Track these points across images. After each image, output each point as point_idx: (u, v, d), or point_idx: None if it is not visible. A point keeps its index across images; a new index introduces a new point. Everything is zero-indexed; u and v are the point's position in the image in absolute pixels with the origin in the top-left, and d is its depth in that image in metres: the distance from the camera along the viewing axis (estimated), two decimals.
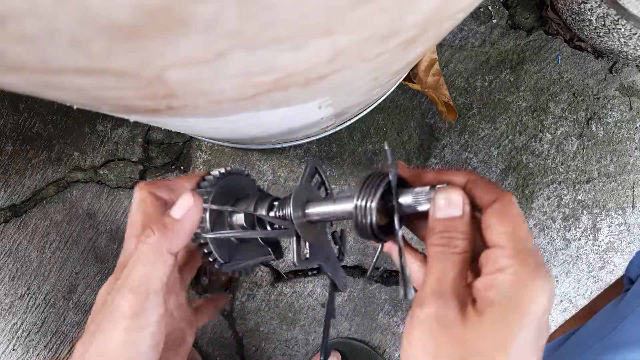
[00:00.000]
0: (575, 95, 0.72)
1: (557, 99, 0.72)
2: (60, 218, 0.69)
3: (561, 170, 0.71)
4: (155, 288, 0.24)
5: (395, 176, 0.25)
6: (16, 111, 0.70)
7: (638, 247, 0.71)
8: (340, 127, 0.64)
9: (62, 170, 0.69)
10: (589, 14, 0.65)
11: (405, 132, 0.71)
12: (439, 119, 0.70)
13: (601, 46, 0.70)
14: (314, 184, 0.31)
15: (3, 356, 0.68)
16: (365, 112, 0.63)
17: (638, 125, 0.72)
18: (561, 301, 0.71)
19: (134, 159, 0.70)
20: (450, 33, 0.73)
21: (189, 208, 0.26)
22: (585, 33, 0.70)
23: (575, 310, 0.72)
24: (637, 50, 0.66)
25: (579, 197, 0.71)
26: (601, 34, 0.67)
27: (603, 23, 0.64)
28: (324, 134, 0.64)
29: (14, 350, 0.68)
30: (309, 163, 0.31)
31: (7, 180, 0.69)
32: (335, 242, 0.33)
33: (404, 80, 0.67)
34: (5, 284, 0.68)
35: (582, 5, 0.65)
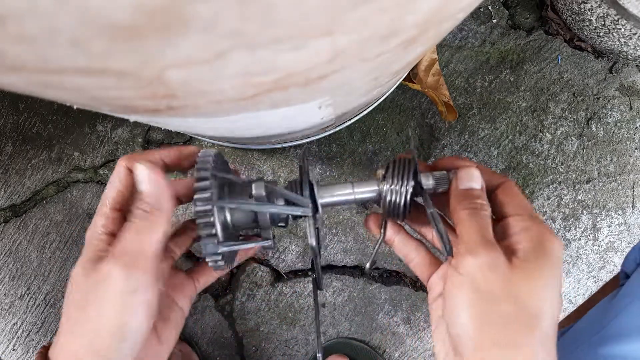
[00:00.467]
0: (575, 95, 0.72)
1: (557, 99, 0.72)
2: (60, 218, 0.69)
3: (561, 170, 0.71)
4: (146, 255, 0.25)
5: (416, 161, 0.30)
6: (16, 111, 0.70)
7: None
8: (340, 127, 0.64)
9: (62, 170, 0.69)
10: (589, 14, 0.65)
11: (405, 132, 0.71)
12: (439, 119, 0.70)
13: (601, 46, 0.70)
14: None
15: (3, 356, 0.68)
16: (365, 112, 0.63)
17: (638, 125, 0.72)
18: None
19: None
20: (450, 33, 0.73)
21: (150, 179, 0.26)
22: (585, 33, 0.70)
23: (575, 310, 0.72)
24: (637, 50, 0.66)
25: (579, 197, 0.71)
26: (601, 34, 0.67)
27: (603, 23, 0.64)
28: (324, 134, 0.64)
29: (14, 350, 0.68)
30: (304, 154, 0.33)
31: (7, 180, 0.69)
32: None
33: (404, 80, 0.67)
34: (5, 284, 0.68)
35: (582, 5, 0.65)
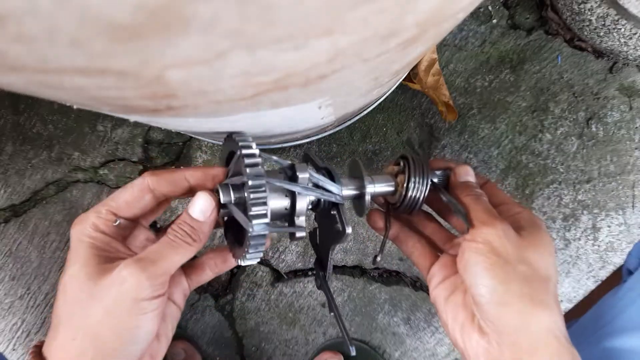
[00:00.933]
0: (575, 95, 0.72)
1: (557, 99, 0.72)
2: (60, 218, 0.69)
3: (561, 170, 0.71)
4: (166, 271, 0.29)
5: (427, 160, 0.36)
6: (16, 111, 0.70)
7: None
8: (340, 127, 0.64)
9: (62, 170, 0.69)
10: (589, 14, 0.65)
11: (405, 132, 0.71)
12: (439, 119, 0.70)
13: (601, 46, 0.70)
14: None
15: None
16: (365, 112, 0.63)
17: (638, 125, 0.72)
18: (561, 301, 0.71)
19: (134, 159, 0.70)
20: (450, 33, 0.72)
21: (210, 210, 0.30)
22: (585, 33, 0.70)
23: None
24: (637, 50, 0.66)
25: (579, 197, 0.71)
26: (601, 34, 0.67)
27: (603, 23, 0.64)
28: (324, 134, 0.64)
29: (14, 350, 0.68)
30: (306, 151, 0.37)
31: (7, 180, 0.69)
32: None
33: (404, 80, 0.67)
34: (5, 284, 0.68)
35: (582, 5, 0.65)
